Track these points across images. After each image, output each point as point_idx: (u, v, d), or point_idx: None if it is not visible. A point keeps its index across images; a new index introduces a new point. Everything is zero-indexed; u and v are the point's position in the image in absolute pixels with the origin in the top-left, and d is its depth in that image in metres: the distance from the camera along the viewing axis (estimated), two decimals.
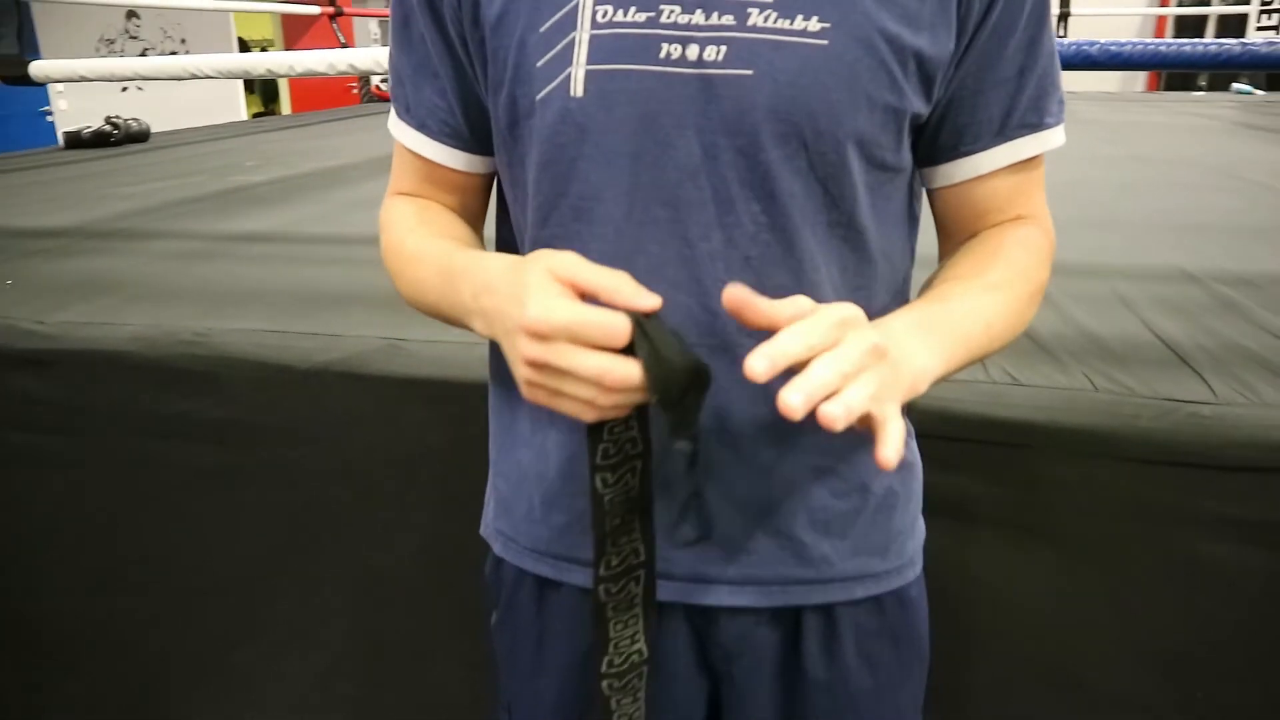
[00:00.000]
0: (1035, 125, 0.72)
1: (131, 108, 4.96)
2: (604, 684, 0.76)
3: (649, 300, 0.58)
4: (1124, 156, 3.26)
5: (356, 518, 1.37)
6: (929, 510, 0.89)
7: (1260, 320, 1.33)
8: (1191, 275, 1.58)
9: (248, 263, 1.85)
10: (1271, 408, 1.05)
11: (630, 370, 0.56)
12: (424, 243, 0.77)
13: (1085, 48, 1.79)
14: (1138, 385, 1.10)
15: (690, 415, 0.60)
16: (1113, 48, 1.77)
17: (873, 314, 0.62)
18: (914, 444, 0.84)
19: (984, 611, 1.16)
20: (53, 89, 6.65)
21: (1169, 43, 1.78)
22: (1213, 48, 1.75)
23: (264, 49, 9.19)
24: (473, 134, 0.78)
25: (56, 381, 1.45)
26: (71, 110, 6.61)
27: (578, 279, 0.58)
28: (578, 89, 0.66)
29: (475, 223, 0.84)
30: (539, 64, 0.68)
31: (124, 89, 6.55)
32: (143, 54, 7.42)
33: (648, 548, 0.69)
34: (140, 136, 4.35)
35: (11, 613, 1.58)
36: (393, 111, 0.81)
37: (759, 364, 0.53)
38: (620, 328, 0.56)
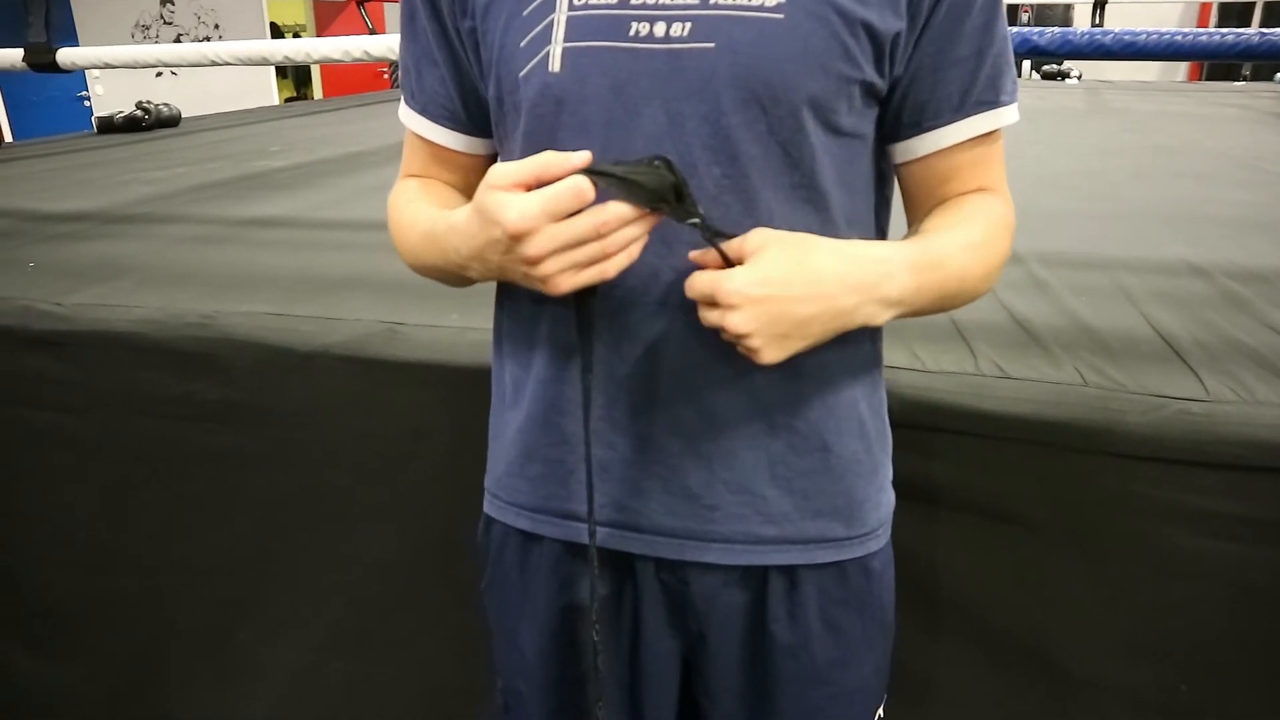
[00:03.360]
0: (992, 103, 0.76)
1: (166, 93, 5.03)
2: (593, 631, 0.79)
3: (579, 157, 0.64)
4: (1143, 146, 3.20)
5: (354, 498, 1.39)
6: (908, 496, 0.90)
7: (1263, 316, 1.32)
8: (1198, 268, 1.56)
9: (259, 247, 1.88)
10: (1262, 405, 1.04)
11: (616, 207, 0.63)
12: (420, 211, 0.83)
13: (1099, 37, 1.77)
14: (1128, 380, 1.09)
15: (689, 203, 0.65)
16: (1127, 36, 1.75)
17: None
18: (884, 414, 0.86)
19: (960, 597, 1.16)
20: (90, 75, 6.77)
21: (1184, 32, 1.75)
22: (1230, 38, 1.72)
23: (296, 34, 9.27)
24: (470, 117, 0.84)
25: (71, 362, 1.49)
26: (108, 95, 6.73)
27: (514, 178, 0.65)
28: (555, 65, 0.72)
29: None
30: (522, 44, 0.74)
31: (159, 74, 6.65)
32: (177, 39, 7.53)
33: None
34: (171, 122, 4.42)
35: (23, 585, 1.63)
36: (402, 100, 0.88)
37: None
38: (582, 182, 0.62)
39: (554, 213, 0.63)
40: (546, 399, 0.81)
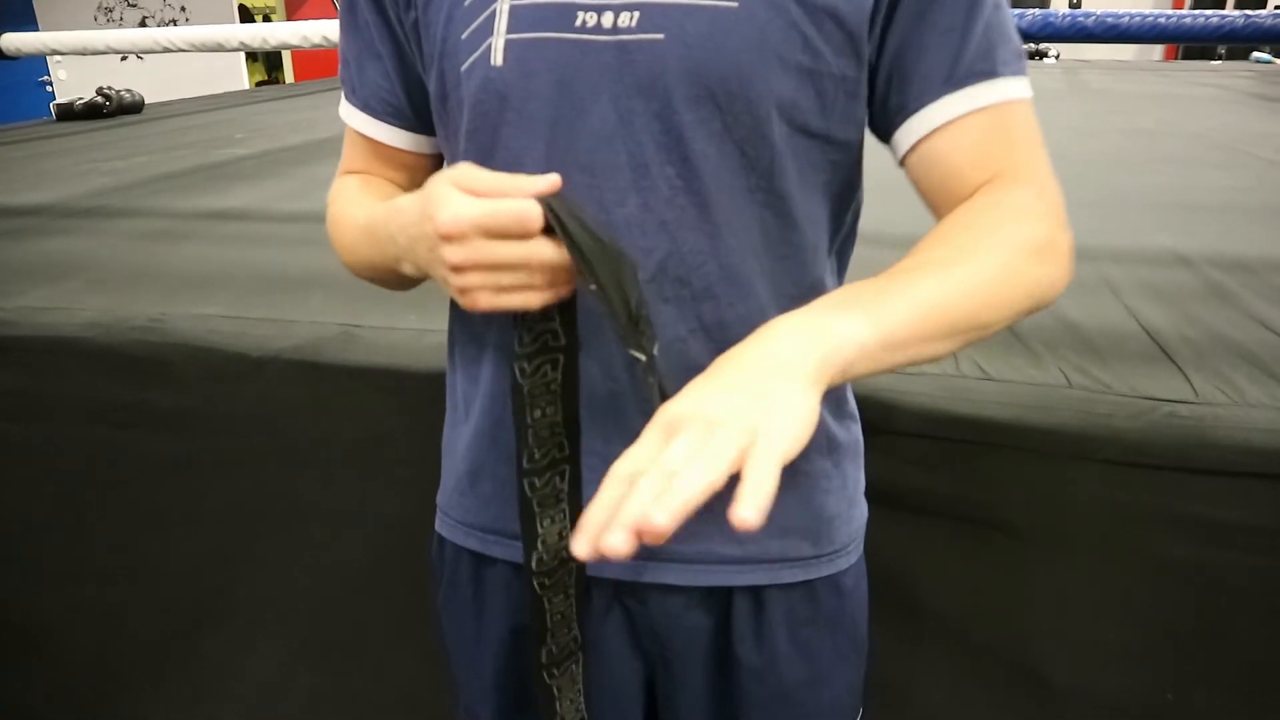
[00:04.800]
0: (988, 73, 0.67)
1: (132, 77, 4.91)
2: (544, 674, 0.75)
3: (547, 181, 0.59)
4: (1124, 129, 3.17)
5: (313, 506, 1.34)
6: (886, 503, 0.86)
7: (1251, 309, 1.28)
8: (1184, 258, 1.52)
9: (216, 242, 1.81)
10: (1253, 408, 1.00)
11: (553, 253, 0.58)
12: (360, 207, 0.78)
13: (1081, 19, 1.73)
14: (1115, 381, 1.05)
15: (644, 334, 0.59)
16: (1109, 19, 1.71)
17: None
18: (855, 427, 0.81)
19: (940, 605, 1.13)
20: (51, 59, 6.60)
21: (1169, 14, 1.71)
22: (1214, 20, 1.69)
23: (266, 17, 9.11)
24: (415, 113, 0.79)
25: (16, 368, 1.42)
26: (71, 80, 6.57)
27: (476, 185, 0.59)
28: (497, 58, 0.68)
29: None
30: (463, 36, 0.69)
31: (124, 59, 6.50)
32: (142, 23, 7.36)
33: (572, 444, 0.69)
34: (133, 108, 4.32)
35: None
36: (342, 95, 0.82)
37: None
38: (530, 210, 0.57)
39: (486, 228, 0.58)
40: (495, 414, 0.77)
